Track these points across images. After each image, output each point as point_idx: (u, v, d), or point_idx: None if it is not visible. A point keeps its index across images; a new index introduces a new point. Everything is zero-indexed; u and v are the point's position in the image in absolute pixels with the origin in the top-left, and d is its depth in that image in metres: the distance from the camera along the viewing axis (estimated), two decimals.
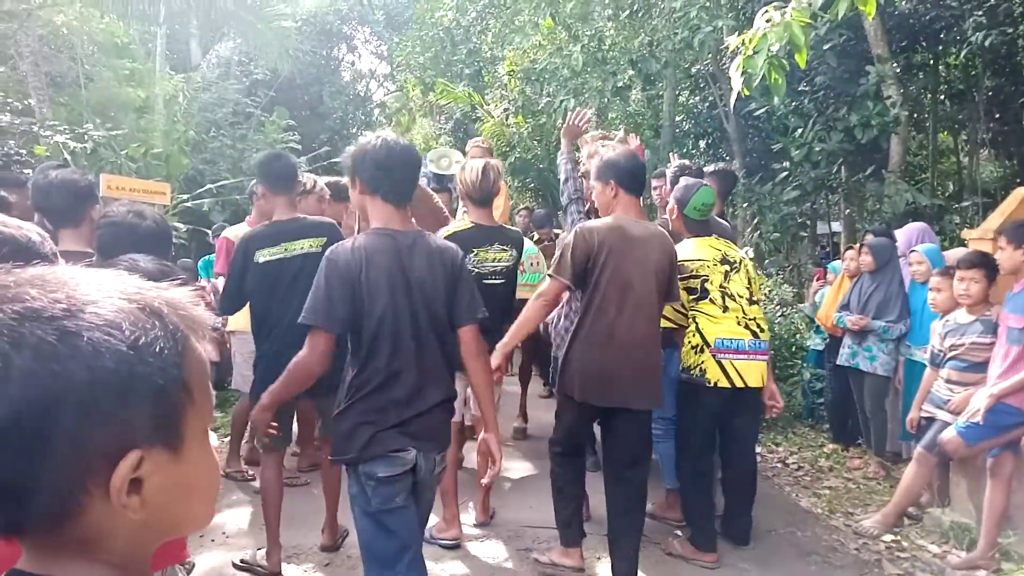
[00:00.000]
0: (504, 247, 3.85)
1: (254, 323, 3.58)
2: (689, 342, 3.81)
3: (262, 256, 3.46)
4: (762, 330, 3.82)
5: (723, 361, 3.71)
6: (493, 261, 3.80)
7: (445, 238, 3.65)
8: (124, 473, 0.67)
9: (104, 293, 0.70)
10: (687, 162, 4.91)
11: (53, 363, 0.64)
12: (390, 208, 2.46)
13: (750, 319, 3.79)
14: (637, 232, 3.38)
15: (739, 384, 3.72)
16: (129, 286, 0.72)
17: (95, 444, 0.66)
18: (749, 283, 3.87)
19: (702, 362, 3.74)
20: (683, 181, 4.00)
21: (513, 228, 4.15)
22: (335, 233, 3.59)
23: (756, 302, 3.88)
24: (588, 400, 3.38)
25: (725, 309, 3.78)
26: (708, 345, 3.74)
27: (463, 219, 3.97)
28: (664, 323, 3.80)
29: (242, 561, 3.60)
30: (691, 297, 3.81)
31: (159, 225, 2.63)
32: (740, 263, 3.89)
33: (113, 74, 8.86)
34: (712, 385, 3.71)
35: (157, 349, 0.69)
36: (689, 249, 3.87)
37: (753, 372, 3.76)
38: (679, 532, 4.03)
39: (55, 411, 0.64)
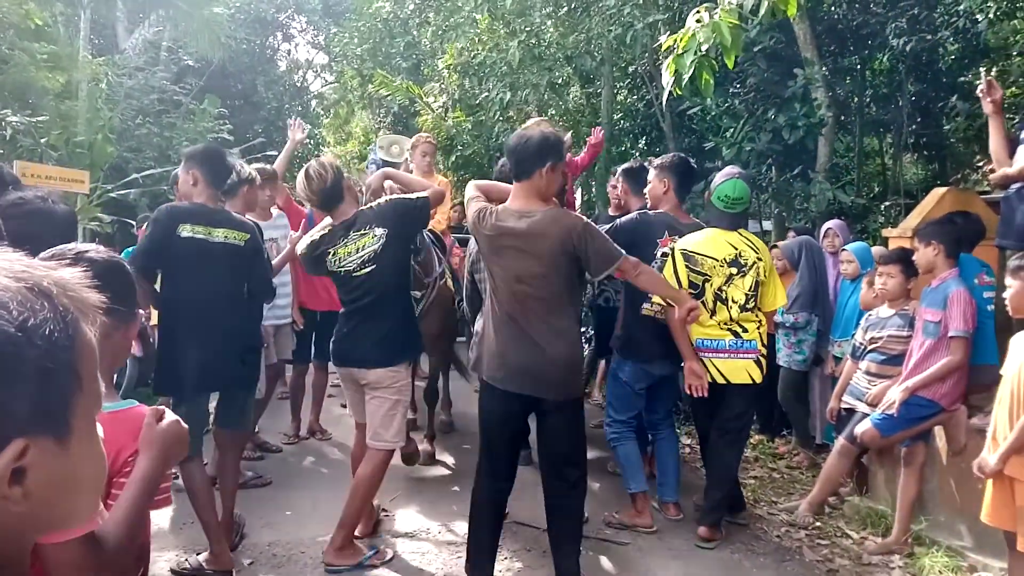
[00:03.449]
0: (361, 231, 3.51)
1: (162, 296, 3.60)
2: None
3: (185, 230, 3.44)
4: (745, 331, 3.90)
5: (704, 359, 3.90)
6: (357, 251, 3.50)
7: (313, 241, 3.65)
8: (7, 462, 0.63)
9: None
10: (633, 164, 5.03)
11: None
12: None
13: (735, 323, 3.90)
14: (515, 223, 3.12)
15: (720, 380, 3.89)
16: (16, 264, 0.68)
17: None
18: (755, 287, 3.90)
19: None
20: (725, 170, 4.13)
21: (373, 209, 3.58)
22: (255, 233, 3.73)
23: (751, 309, 3.92)
24: (487, 380, 3.26)
25: (712, 313, 3.90)
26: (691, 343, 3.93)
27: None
28: (658, 302, 3.94)
29: (183, 570, 3.37)
30: (692, 292, 3.88)
31: (71, 210, 2.64)
32: (752, 266, 3.91)
33: (31, 57, 8.44)
34: None
35: (47, 332, 0.65)
36: (701, 242, 3.94)
37: (736, 370, 3.90)
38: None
39: None
